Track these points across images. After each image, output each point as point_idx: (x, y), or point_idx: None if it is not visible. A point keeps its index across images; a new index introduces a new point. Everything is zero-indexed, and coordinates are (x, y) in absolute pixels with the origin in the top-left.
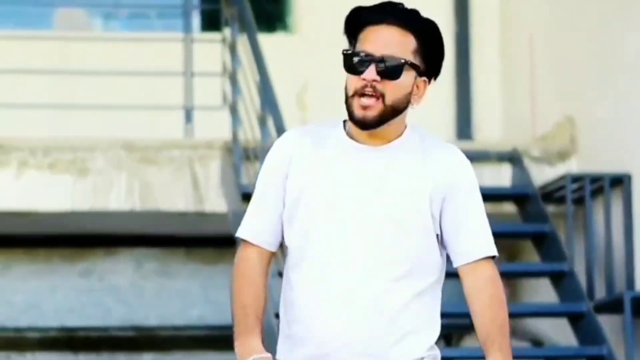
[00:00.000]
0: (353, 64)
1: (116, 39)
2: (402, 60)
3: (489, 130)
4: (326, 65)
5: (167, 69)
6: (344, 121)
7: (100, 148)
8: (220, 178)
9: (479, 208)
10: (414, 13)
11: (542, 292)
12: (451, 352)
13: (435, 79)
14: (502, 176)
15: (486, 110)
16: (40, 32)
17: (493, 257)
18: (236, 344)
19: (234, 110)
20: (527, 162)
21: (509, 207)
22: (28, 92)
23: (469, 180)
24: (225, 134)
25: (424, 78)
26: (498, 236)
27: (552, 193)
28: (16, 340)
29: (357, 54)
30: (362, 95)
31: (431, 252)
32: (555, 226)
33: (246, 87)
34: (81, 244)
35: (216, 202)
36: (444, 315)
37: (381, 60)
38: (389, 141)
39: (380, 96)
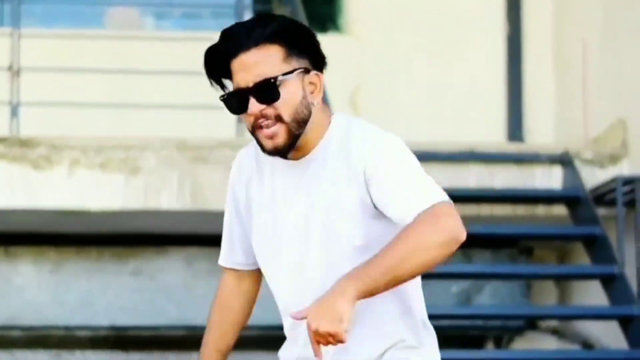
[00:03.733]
0: (234, 105)
1: (169, 39)
2: (272, 80)
3: (541, 133)
4: (378, 66)
5: None
6: None
7: (152, 147)
8: None
9: (403, 174)
10: (265, 21)
11: (593, 294)
12: (501, 354)
13: (325, 66)
14: (553, 179)
15: (538, 113)
16: (93, 31)
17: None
18: None
19: None
20: (578, 164)
21: (560, 210)
22: (80, 91)
23: (382, 160)
24: None
25: (314, 72)
26: (548, 238)
27: (603, 196)
28: (67, 338)
29: (232, 95)
30: (260, 127)
31: (382, 235)
32: (606, 229)
33: None
34: (132, 243)
35: None
36: (495, 317)
37: (255, 89)
38: (311, 148)
39: (277, 118)
